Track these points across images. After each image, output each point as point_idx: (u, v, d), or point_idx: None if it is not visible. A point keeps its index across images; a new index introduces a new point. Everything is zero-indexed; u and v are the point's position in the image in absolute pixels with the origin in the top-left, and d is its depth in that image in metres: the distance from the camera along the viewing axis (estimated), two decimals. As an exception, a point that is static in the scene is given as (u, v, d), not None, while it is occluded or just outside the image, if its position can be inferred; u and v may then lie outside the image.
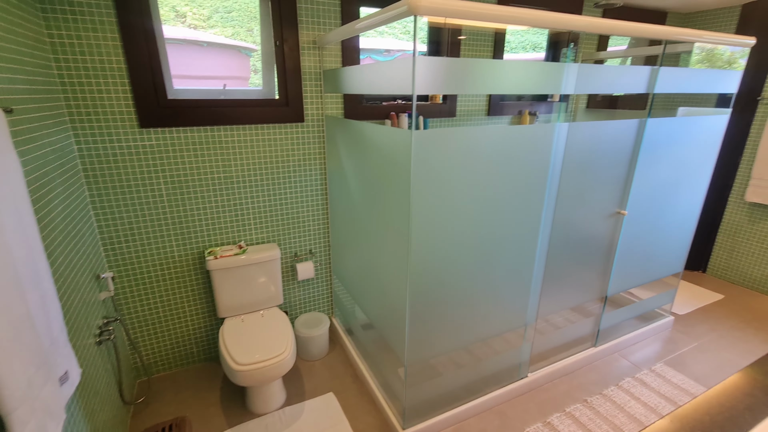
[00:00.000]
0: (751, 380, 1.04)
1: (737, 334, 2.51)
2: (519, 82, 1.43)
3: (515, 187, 1.57)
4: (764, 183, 2.87)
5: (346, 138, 1.86)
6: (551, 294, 1.92)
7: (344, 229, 2.09)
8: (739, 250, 3.12)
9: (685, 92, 1.93)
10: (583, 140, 1.69)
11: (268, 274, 2.05)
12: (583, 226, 1.88)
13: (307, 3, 1.93)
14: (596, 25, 1.49)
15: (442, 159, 1.36)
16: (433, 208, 1.40)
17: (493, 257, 1.63)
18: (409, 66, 1.19)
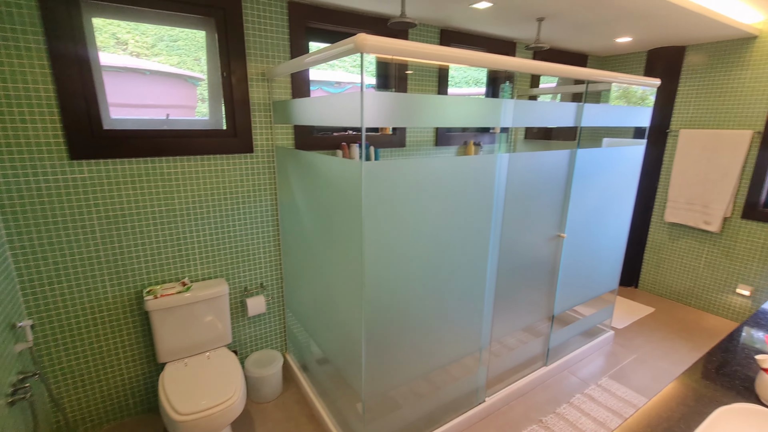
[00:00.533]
0: (684, 388, 1.12)
1: (669, 344, 2.72)
2: (462, 115, 1.52)
3: (464, 214, 1.63)
4: (679, 205, 3.21)
5: (297, 169, 1.85)
6: (503, 316, 1.98)
7: (297, 261, 2.04)
8: (663, 266, 3.43)
9: (607, 125, 2.14)
10: (523, 169, 1.81)
11: (215, 312, 1.93)
12: (528, 250, 1.99)
13: (255, 36, 1.94)
14: (527, 66, 1.64)
15: (392, 189, 1.38)
16: (386, 237, 1.41)
17: (446, 284, 1.66)
18: (357, 100, 1.23)
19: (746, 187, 2.87)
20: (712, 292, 3.15)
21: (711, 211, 3.02)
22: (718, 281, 3.10)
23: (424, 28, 2.50)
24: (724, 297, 3.08)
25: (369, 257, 1.38)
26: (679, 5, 2.02)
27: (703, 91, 3.04)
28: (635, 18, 2.29)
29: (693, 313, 3.17)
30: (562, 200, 2.06)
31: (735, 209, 2.94)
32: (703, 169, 3.04)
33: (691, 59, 3.09)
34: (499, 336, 1.98)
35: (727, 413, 0.98)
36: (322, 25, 2.16)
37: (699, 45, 3.03)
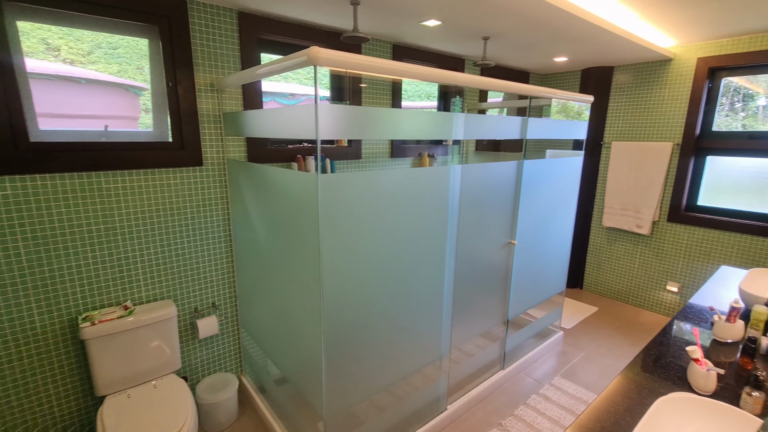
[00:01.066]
0: (627, 382, 1.20)
1: (612, 341, 2.92)
2: (416, 128, 1.55)
3: (420, 225, 1.66)
4: (614, 210, 3.49)
5: (250, 182, 1.79)
6: (461, 323, 2.02)
7: (252, 278, 1.96)
8: (604, 268, 3.69)
9: (549, 138, 2.29)
10: (475, 180, 1.88)
11: (161, 336, 1.80)
12: (482, 257, 2.05)
13: (203, 46, 1.88)
14: (476, 81, 1.72)
15: (349, 201, 1.38)
16: (343, 250, 1.40)
17: (406, 294, 1.67)
18: (311, 112, 1.22)
19: (670, 193, 3.18)
20: (646, 289, 3.43)
21: (642, 215, 3.30)
22: (650, 279, 3.38)
23: (377, 42, 2.55)
24: (657, 294, 3.36)
25: (327, 271, 1.36)
26: (605, 29, 2.23)
27: (630, 106, 3.35)
28: (569, 40, 2.49)
29: (631, 310, 3.43)
30: (512, 208, 2.16)
31: (662, 213, 3.24)
32: (633, 177, 3.33)
33: (619, 78, 3.40)
34: (458, 343, 2.02)
35: (665, 403, 1.06)
36: (274, 37, 2.14)
37: (625, 66, 3.34)
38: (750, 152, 2.83)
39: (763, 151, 2.77)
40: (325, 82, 2.52)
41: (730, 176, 2.96)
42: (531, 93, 2.04)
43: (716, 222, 2.96)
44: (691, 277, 3.14)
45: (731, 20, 2.34)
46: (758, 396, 1.05)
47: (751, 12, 2.18)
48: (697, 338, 1.28)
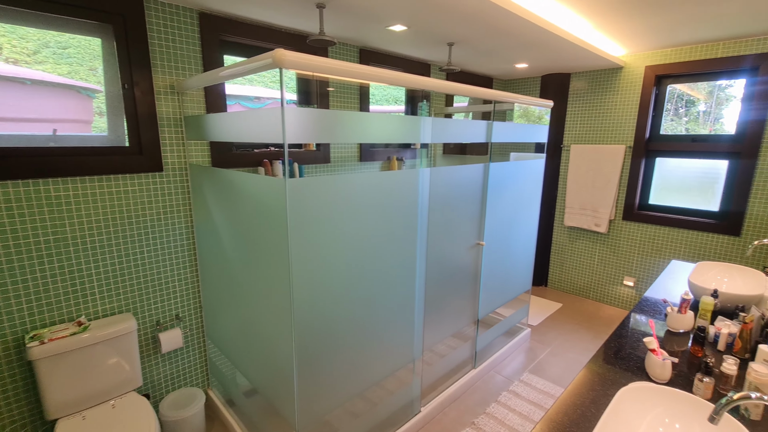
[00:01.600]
0: (591, 374, 1.25)
1: (576, 335, 3.04)
2: (384, 132, 1.56)
3: (391, 228, 1.66)
4: (574, 210, 3.65)
5: (214, 188, 1.73)
6: (433, 324, 2.04)
7: (218, 287, 1.89)
8: (566, 265, 3.85)
9: (512, 141, 2.37)
10: (443, 183, 1.91)
11: (120, 353, 1.70)
12: (452, 259, 2.09)
13: (162, 47, 1.80)
14: (442, 86, 1.75)
15: (319, 206, 1.36)
16: (313, 256, 1.38)
17: (377, 298, 1.67)
18: (278, 115, 1.20)
19: (624, 193, 3.37)
20: (605, 285, 3.60)
21: (599, 214, 3.47)
22: (609, 275, 3.56)
23: (343, 46, 2.55)
24: (615, 288, 3.54)
25: (297, 277, 1.33)
26: (561, 37, 2.33)
27: (587, 111, 3.52)
28: (528, 47, 2.59)
29: (592, 305, 3.59)
30: (480, 210, 2.21)
31: (617, 212, 3.43)
32: (591, 178, 3.50)
33: (575, 84, 3.57)
34: (431, 345, 2.04)
35: (626, 393, 1.12)
36: (237, 38, 2.09)
37: (580, 73, 3.52)
38: (693, 154, 3.05)
39: (705, 153, 2.99)
40: (291, 86, 2.49)
41: (677, 176, 3.18)
42: (495, 98, 2.10)
43: (666, 219, 3.16)
44: (645, 271, 3.34)
45: (674, 31, 2.52)
46: (708, 381, 1.12)
47: (691, 24, 2.35)
48: (652, 330, 1.36)
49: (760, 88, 2.67)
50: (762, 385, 1.07)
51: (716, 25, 2.38)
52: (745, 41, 2.68)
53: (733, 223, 2.86)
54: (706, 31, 2.50)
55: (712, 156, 2.97)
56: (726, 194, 2.94)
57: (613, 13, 2.15)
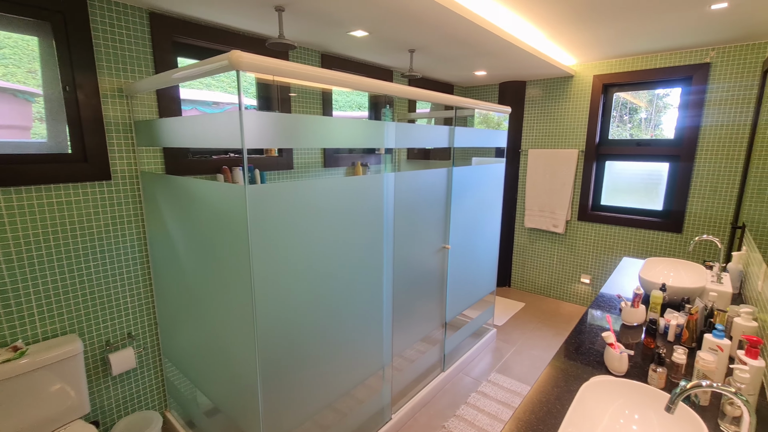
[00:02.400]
0: (555, 371, 1.28)
1: (538, 333, 3.14)
2: (348, 137, 1.54)
3: (357, 234, 1.64)
4: (533, 212, 3.79)
5: (169, 196, 1.64)
6: (402, 329, 2.03)
7: (175, 301, 1.79)
8: (528, 265, 3.99)
9: (474, 146, 2.43)
10: (408, 187, 1.92)
11: (64, 378, 1.55)
12: (419, 263, 2.09)
13: (107, 47, 1.69)
14: (405, 91, 1.76)
15: (281, 213, 1.32)
16: (277, 265, 1.33)
17: (345, 306, 1.64)
18: (236, 120, 1.15)
19: (578, 194, 3.54)
20: (564, 283, 3.76)
21: (557, 216, 3.63)
22: (567, 274, 3.72)
23: (304, 51, 2.51)
24: (573, 286, 3.70)
25: (259, 288, 1.28)
26: (516, 46, 2.43)
27: (542, 117, 3.69)
28: (486, 55, 2.68)
29: (553, 303, 3.73)
30: (444, 214, 2.23)
31: (573, 213, 3.60)
32: (548, 181, 3.66)
33: (531, 92, 3.73)
34: (400, 350, 2.02)
35: (588, 387, 1.16)
36: (192, 40, 2.00)
37: (535, 81, 3.68)
38: (638, 157, 3.26)
39: (648, 156, 3.21)
40: (252, 92, 2.42)
41: (624, 178, 3.38)
42: (456, 104, 2.14)
43: (617, 219, 3.35)
44: (600, 269, 3.51)
45: (618, 43, 2.69)
46: (662, 371, 1.18)
47: (632, 37, 2.53)
48: (609, 324, 1.42)
49: (693, 96, 2.90)
50: (709, 372, 1.15)
51: (654, 38, 2.57)
52: (680, 53, 2.91)
53: (676, 220, 3.08)
54: (646, 43, 2.69)
55: (654, 159, 3.19)
56: (668, 194, 3.17)
57: (563, 24, 2.27)
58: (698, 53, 2.84)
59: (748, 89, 2.69)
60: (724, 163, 2.84)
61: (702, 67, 2.84)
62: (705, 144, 2.90)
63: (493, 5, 2.00)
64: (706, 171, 2.92)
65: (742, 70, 2.70)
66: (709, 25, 2.26)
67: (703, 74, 2.84)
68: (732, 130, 2.78)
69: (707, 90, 2.85)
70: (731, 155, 2.80)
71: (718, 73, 2.79)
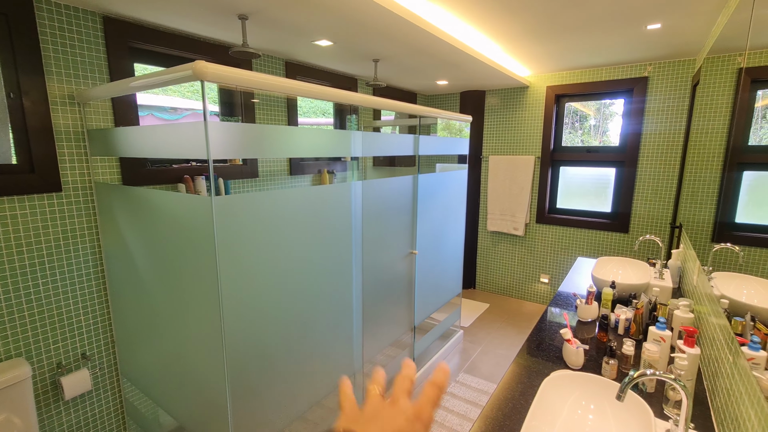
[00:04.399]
0: (518, 368, 1.35)
1: (503, 333, 3.26)
2: (314, 146, 1.55)
3: (325, 243, 1.65)
4: (495, 216, 3.95)
5: (127, 209, 1.57)
6: (372, 336, 2.05)
7: (134, 318, 1.71)
8: (491, 267, 4.13)
9: (437, 153, 2.50)
10: (375, 195, 1.95)
11: (9, 406, 1.44)
12: (387, 269, 2.12)
13: (56, 52, 1.61)
14: (370, 101, 1.80)
15: (249, 225, 1.31)
16: (244, 278, 1.32)
17: (315, 315, 1.64)
18: (201, 130, 1.13)
19: (536, 198, 3.73)
20: (524, 283, 3.93)
21: (517, 219, 3.80)
22: (527, 274, 3.90)
23: (268, 59, 2.50)
24: (533, 286, 3.88)
25: (227, 300, 1.26)
26: (475, 58, 2.54)
27: (501, 125, 3.86)
28: (447, 66, 2.78)
29: (515, 303, 3.89)
30: (411, 220, 2.29)
31: (531, 216, 3.78)
32: (508, 186, 3.82)
33: (490, 101, 3.89)
34: (370, 356, 2.04)
35: (549, 382, 1.23)
36: (151, 46, 1.94)
37: (494, 90, 3.85)
38: (588, 163, 3.49)
39: (597, 162, 3.44)
40: (212, 96, 2.36)
41: (576, 182, 3.60)
42: (419, 113, 2.21)
43: (571, 221, 3.56)
44: (557, 269, 3.71)
45: (567, 57, 2.88)
46: (613, 363, 1.28)
47: (579, 52, 2.72)
48: (567, 321, 1.52)
49: (634, 106, 3.15)
50: (654, 361, 1.26)
51: (600, 53, 2.78)
52: (622, 67, 3.16)
53: (623, 222, 3.31)
54: (593, 57, 2.90)
55: (603, 164, 3.43)
56: (615, 197, 3.41)
57: (518, 39, 2.40)
58: (638, 67, 3.10)
59: (680, 100, 2.96)
60: (663, 168, 3.10)
61: (641, 80, 3.09)
62: (646, 150, 3.15)
63: (452, 19, 2.09)
64: (647, 175, 3.17)
65: (676, 83, 2.97)
66: (646, 42, 2.48)
67: (642, 87, 3.10)
68: (668, 138, 3.05)
69: (646, 101, 3.10)
70: (669, 160, 3.07)
71: (655, 85, 3.05)
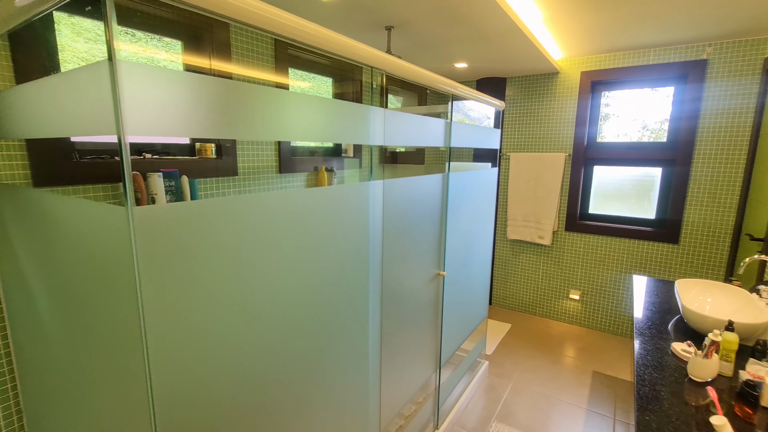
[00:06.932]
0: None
1: (534, 363, 2.74)
2: (317, 126, 1.01)
3: (330, 265, 1.11)
4: (517, 222, 3.43)
5: (31, 223, 1.01)
6: (392, 388, 1.50)
7: (48, 376, 1.14)
8: (510, 281, 3.62)
9: (470, 146, 1.97)
10: (398, 199, 1.41)
11: None
12: (410, 298, 1.58)
13: None
14: (396, 66, 1.26)
15: (199, 247, 0.76)
16: (191, 324, 0.77)
17: (313, 372, 1.09)
18: (103, 80, 0.58)
19: (566, 202, 3.22)
20: (551, 299, 3.42)
21: (543, 226, 3.29)
22: (554, 289, 3.39)
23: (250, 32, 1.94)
24: (561, 303, 3.37)
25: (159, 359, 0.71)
26: (519, 29, 2.02)
27: (524, 118, 3.34)
28: (476, 41, 2.25)
29: (540, 322, 3.38)
30: (439, 232, 1.75)
31: (560, 223, 3.27)
32: (532, 188, 3.31)
33: (511, 90, 3.38)
34: (389, 417, 1.50)
35: None
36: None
37: (516, 77, 3.33)
38: (629, 161, 3.00)
39: (640, 161, 2.95)
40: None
41: (613, 184, 3.11)
42: (452, 91, 1.67)
43: (607, 229, 3.06)
44: (589, 283, 3.21)
45: (612, 34, 2.38)
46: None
47: (629, 25, 2.21)
48: (717, 404, 1.00)
49: (688, 95, 2.67)
50: None
51: (651, 28, 2.27)
52: (675, 48, 2.67)
53: (671, 230, 2.83)
54: (640, 35, 2.40)
55: (647, 163, 2.94)
56: (662, 201, 2.92)
57: (565, 1, 1.88)
58: (695, 49, 2.61)
59: (748, 87, 2.48)
60: (724, 167, 2.62)
61: (698, 64, 2.61)
62: (702, 147, 2.67)
63: (500, -35, 1.56)
64: (703, 176, 2.69)
65: (742, 67, 2.49)
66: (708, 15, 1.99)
67: (699, 72, 2.61)
68: (732, 133, 2.57)
69: (704, 89, 2.62)
70: (732, 159, 2.59)
71: (716, 71, 2.57)
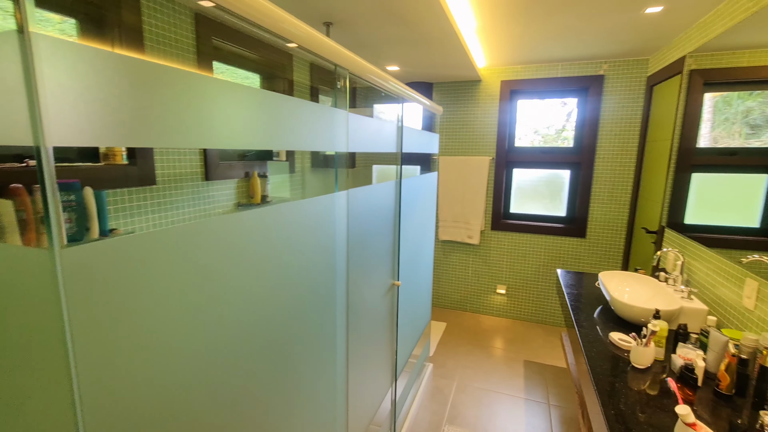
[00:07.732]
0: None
1: (472, 359, 2.84)
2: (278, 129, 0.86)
3: (297, 287, 0.96)
4: (448, 223, 3.54)
5: None
6: (358, 405, 1.39)
7: None
8: (443, 280, 3.72)
9: (417, 151, 1.95)
10: (359, 210, 1.31)
11: None
12: (370, 314, 1.49)
13: None
14: (354, 62, 1.16)
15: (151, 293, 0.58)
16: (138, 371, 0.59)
17: (284, 388, 0.94)
18: None
19: (491, 203, 3.42)
20: (480, 295, 3.60)
21: (471, 226, 3.44)
22: (483, 286, 3.57)
23: (170, 10, 1.65)
24: (490, 298, 3.57)
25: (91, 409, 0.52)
26: (456, 35, 2.05)
27: (452, 123, 3.46)
28: (413, 42, 2.24)
29: (473, 318, 3.53)
30: (392, 240, 1.68)
31: (487, 223, 3.46)
32: (460, 190, 3.45)
33: (437, 95, 3.47)
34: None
35: None
36: None
37: (442, 83, 3.43)
38: (544, 164, 3.29)
39: (552, 164, 3.25)
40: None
41: (530, 185, 3.39)
42: (402, 93, 1.62)
43: (527, 227, 3.32)
44: (514, 278, 3.45)
45: (527, 47, 2.57)
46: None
47: (545, 41, 2.41)
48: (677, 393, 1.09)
49: (590, 106, 3.02)
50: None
51: (562, 44, 2.51)
52: (578, 63, 2.99)
53: (579, 226, 3.17)
54: (552, 49, 2.64)
55: (557, 166, 3.25)
56: (571, 200, 3.26)
57: (500, 15, 1.97)
58: (594, 65, 2.96)
59: (636, 101, 2.89)
60: (619, 169, 3.01)
61: (596, 78, 2.96)
62: (602, 152, 3.04)
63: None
64: (604, 177, 3.06)
65: (630, 83, 2.89)
66: (607, 37, 2.27)
67: (598, 86, 2.97)
68: (624, 139, 2.96)
69: (602, 100, 2.98)
70: (625, 162, 2.98)
71: (611, 85, 2.95)
